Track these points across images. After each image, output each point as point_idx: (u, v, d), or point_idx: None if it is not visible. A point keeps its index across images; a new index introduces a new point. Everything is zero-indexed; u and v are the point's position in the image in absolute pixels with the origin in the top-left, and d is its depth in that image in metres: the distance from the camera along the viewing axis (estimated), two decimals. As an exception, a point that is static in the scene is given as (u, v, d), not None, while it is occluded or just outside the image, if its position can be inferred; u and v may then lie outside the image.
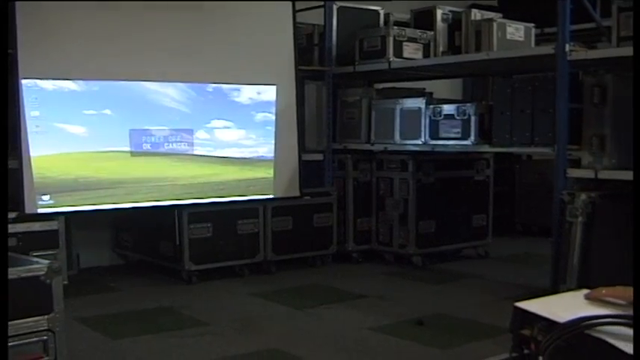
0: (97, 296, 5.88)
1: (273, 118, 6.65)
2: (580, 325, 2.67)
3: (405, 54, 7.04)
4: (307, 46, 7.44)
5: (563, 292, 3.93)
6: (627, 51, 5.17)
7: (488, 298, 5.80)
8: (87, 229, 6.78)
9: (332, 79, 7.35)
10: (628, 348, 2.49)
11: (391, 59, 6.99)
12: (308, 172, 7.18)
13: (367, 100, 7.22)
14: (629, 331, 2.63)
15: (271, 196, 6.68)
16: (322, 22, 7.39)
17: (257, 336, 4.78)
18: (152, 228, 6.59)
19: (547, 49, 5.67)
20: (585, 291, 3.30)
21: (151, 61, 6.04)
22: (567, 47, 5.38)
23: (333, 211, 7.11)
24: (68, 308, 3.64)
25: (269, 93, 6.64)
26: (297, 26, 6.89)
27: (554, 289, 5.05)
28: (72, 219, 6.20)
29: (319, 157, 7.31)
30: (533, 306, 2.84)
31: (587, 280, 4.97)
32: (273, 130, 6.65)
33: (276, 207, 6.71)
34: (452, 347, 4.53)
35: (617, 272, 5.33)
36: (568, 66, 5.42)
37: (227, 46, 6.40)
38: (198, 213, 6.27)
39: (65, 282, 4.66)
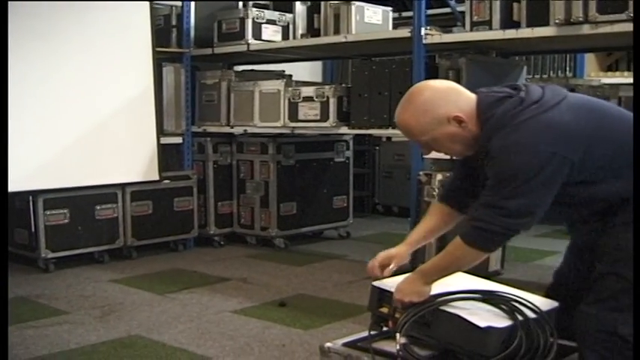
0: (-53, 288, 5.65)
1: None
2: (435, 301, 2.76)
3: (264, 36, 7.01)
4: (165, 28, 7.30)
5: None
6: (479, 35, 5.35)
7: (349, 278, 5.89)
8: None
9: (190, 61, 7.25)
10: (480, 321, 2.58)
11: (250, 41, 6.94)
12: (167, 156, 7.10)
13: (226, 82, 7.13)
14: (481, 305, 2.73)
15: (130, 181, 6.57)
16: (180, 3, 7.28)
17: (118, 323, 4.70)
18: (6, 215, 6.37)
19: (403, 33, 5.78)
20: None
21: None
22: (423, 31, 5.50)
23: (194, 194, 7.04)
24: None
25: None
26: (153, 7, 6.76)
27: (412, 268, 5.16)
28: None
29: (178, 140, 7.20)
30: (391, 285, 2.92)
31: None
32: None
33: (135, 191, 6.59)
34: (314, 327, 4.58)
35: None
36: (424, 49, 5.54)
37: (80, 28, 6.21)
38: (54, 199, 6.09)
39: None
